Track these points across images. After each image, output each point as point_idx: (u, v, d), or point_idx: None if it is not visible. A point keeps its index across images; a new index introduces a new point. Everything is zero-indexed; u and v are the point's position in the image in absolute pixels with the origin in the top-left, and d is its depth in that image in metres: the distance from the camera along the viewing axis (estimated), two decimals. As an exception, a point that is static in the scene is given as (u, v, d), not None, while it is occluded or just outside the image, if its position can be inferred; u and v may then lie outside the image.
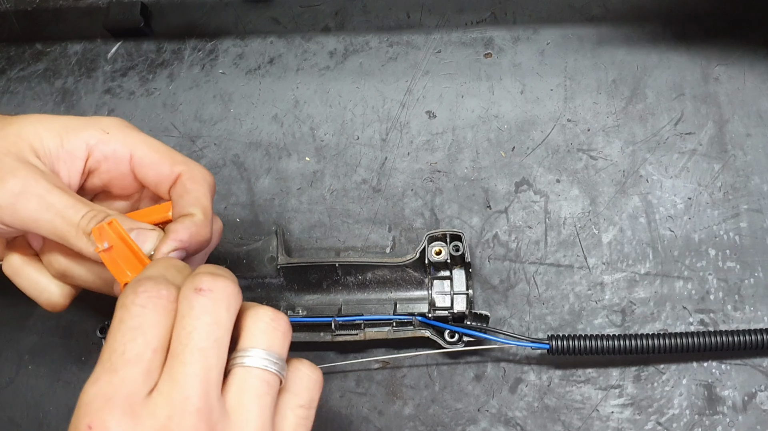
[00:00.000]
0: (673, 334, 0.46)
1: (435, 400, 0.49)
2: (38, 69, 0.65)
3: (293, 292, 0.51)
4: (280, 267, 0.50)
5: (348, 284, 0.51)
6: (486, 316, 0.48)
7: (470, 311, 0.48)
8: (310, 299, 0.51)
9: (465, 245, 0.48)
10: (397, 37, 0.61)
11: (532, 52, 0.59)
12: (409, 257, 0.49)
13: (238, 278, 0.46)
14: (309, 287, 0.51)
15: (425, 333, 0.48)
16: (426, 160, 0.57)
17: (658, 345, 0.46)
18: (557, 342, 0.47)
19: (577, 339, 0.47)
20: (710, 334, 0.46)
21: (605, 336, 0.47)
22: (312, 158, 0.58)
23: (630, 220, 0.53)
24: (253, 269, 0.51)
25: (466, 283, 0.49)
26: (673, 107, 0.56)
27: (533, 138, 0.56)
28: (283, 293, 0.51)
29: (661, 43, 0.58)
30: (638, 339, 0.46)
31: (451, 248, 0.48)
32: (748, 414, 0.47)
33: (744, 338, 0.46)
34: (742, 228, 0.52)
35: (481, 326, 0.48)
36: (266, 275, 0.51)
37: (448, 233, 0.48)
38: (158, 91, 0.62)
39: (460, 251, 0.48)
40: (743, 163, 0.53)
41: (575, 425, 0.48)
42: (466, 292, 0.49)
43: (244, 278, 0.51)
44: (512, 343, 0.48)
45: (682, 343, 0.46)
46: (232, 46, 0.63)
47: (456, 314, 0.48)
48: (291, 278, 0.51)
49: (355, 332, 0.49)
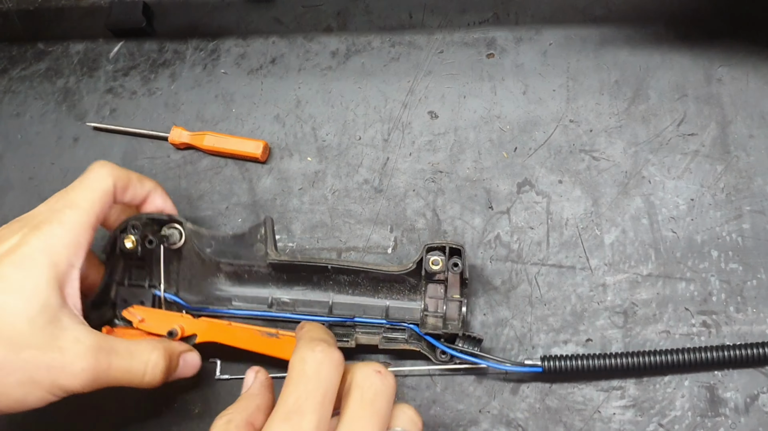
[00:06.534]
0: (666, 351, 0.46)
1: (436, 401, 0.49)
2: (40, 68, 0.65)
3: (282, 283, 0.51)
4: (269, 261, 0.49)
5: (340, 282, 0.50)
6: (479, 339, 0.47)
7: (463, 334, 0.47)
8: (298, 291, 0.51)
9: (464, 262, 0.47)
10: (400, 38, 0.61)
11: (534, 53, 0.59)
12: (406, 268, 0.48)
13: (225, 263, 0.50)
14: (298, 280, 0.50)
15: (416, 347, 0.48)
16: (428, 160, 0.57)
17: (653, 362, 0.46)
18: (550, 363, 0.46)
19: (571, 359, 0.46)
20: (709, 349, 0.46)
21: (600, 355, 0.46)
22: (314, 158, 0.58)
23: (632, 221, 0.53)
24: (239, 256, 0.50)
25: (461, 290, 0.48)
26: (675, 108, 0.56)
27: (535, 139, 0.56)
28: (270, 282, 0.51)
29: (664, 44, 0.58)
30: (636, 357, 0.46)
31: (450, 264, 0.46)
32: (750, 416, 0.47)
33: (744, 352, 0.46)
34: (745, 230, 0.51)
35: (472, 350, 0.47)
36: (254, 262, 0.50)
37: (447, 245, 0.47)
38: (160, 91, 0.62)
39: (459, 268, 0.46)
40: (746, 164, 0.53)
41: (577, 426, 0.48)
42: (461, 299, 0.48)
43: (230, 264, 0.50)
44: (504, 368, 0.47)
45: (675, 360, 0.46)
46: (234, 45, 0.63)
47: (449, 334, 0.47)
48: (280, 269, 0.50)
49: (346, 339, 0.49)
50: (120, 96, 0.62)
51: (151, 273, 0.51)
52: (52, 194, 0.45)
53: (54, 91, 0.64)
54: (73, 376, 0.39)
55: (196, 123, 0.60)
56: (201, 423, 0.51)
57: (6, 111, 0.64)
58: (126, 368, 0.41)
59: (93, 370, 0.39)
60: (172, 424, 0.51)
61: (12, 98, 0.64)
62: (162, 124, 0.61)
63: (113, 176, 0.45)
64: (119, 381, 0.41)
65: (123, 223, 0.49)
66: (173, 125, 0.59)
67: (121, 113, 0.62)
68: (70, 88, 0.64)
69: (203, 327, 0.49)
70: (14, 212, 0.59)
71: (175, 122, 0.61)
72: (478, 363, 0.47)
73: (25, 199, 0.60)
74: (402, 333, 0.49)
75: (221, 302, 0.51)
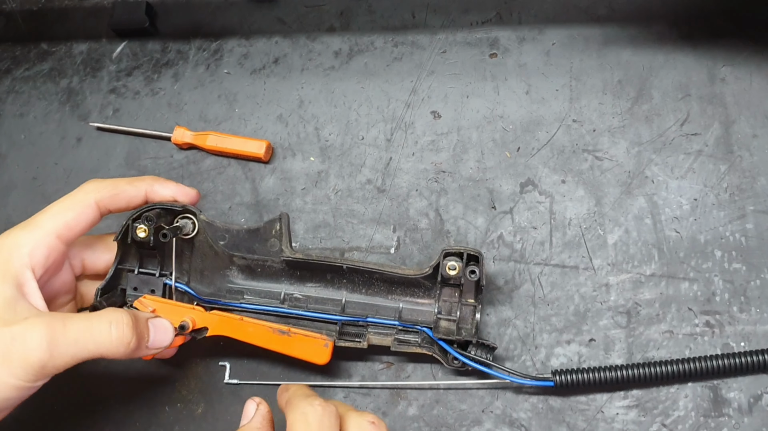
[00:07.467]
0: (679, 360, 0.47)
1: (439, 401, 0.49)
2: (43, 69, 0.65)
3: (295, 279, 0.51)
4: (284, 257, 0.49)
5: (354, 281, 0.50)
6: (493, 347, 0.47)
7: (477, 341, 0.47)
8: (311, 288, 0.51)
9: (481, 269, 0.46)
10: (402, 37, 0.61)
11: (537, 53, 0.59)
12: (422, 272, 0.48)
13: (239, 256, 0.50)
14: (312, 277, 0.51)
15: (429, 352, 0.48)
16: (431, 160, 0.57)
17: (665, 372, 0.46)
18: (562, 377, 0.46)
19: (582, 372, 0.47)
20: (720, 357, 0.46)
21: (612, 367, 0.47)
22: (316, 158, 0.58)
23: (635, 221, 0.53)
24: (253, 250, 0.50)
25: (476, 296, 0.48)
26: (679, 108, 0.56)
27: (538, 138, 0.56)
28: (283, 278, 0.51)
29: (667, 44, 0.58)
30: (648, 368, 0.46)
31: (467, 272, 0.46)
32: (753, 416, 0.47)
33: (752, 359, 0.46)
34: (748, 229, 0.51)
35: (485, 358, 0.47)
36: (267, 257, 0.50)
37: (465, 251, 0.47)
38: (163, 91, 0.62)
39: (476, 275, 0.46)
40: (749, 164, 0.53)
41: (580, 426, 0.47)
42: (475, 305, 0.48)
43: (243, 257, 0.50)
44: (517, 380, 0.47)
45: (688, 369, 0.46)
46: (237, 46, 0.63)
47: (462, 339, 0.47)
48: (294, 266, 0.50)
49: (358, 340, 0.49)
50: (123, 96, 0.63)
51: (163, 262, 0.51)
52: (55, 194, 0.45)
53: (57, 91, 0.64)
54: (26, 345, 0.39)
55: (199, 123, 0.60)
56: (203, 423, 0.51)
57: (9, 111, 0.64)
58: (86, 327, 0.41)
59: (46, 334, 0.39)
60: (174, 423, 0.51)
61: (15, 98, 0.64)
62: (165, 124, 0.61)
63: (96, 192, 0.47)
64: (87, 348, 0.41)
65: (137, 212, 0.49)
66: (176, 125, 0.59)
67: (124, 113, 0.62)
68: (73, 88, 0.64)
69: (215, 321, 0.48)
70: (17, 211, 0.59)
71: (178, 121, 0.61)
72: (490, 373, 0.47)
73: (29, 199, 0.60)
74: (415, 335, 0.49)
75: (233, 295, 0.51)
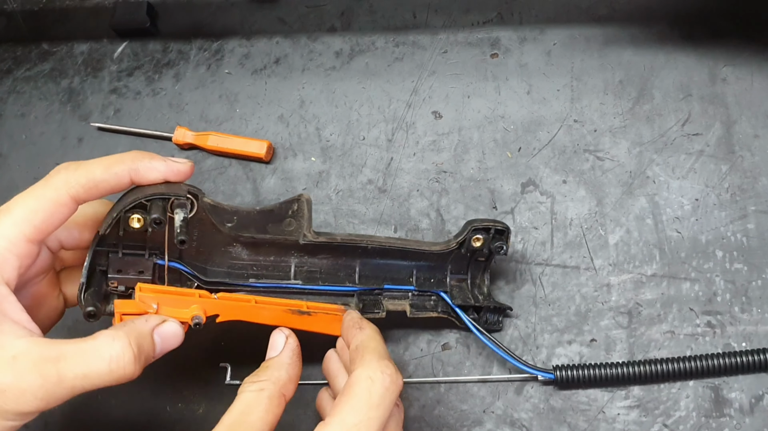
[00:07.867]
0: (680, 358, 0.47)
1: (440, 401, 0.49)
2: (44, 69, 0.65)
3: (305, 251, 0.47)
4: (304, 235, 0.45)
5: (368, 251, 0.48)
6: (506, 307, 0.49)
7: (491, 306, 0.48)
8: (323, 260, 0.48)
9: (508, 243, 0.47)
10: (404, 38, 0.61)
11: (538, 53, 0.59)
12: (449, 247, 0.47)
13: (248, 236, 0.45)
14: (325, 247, 0.47)
15: (446, 315, 0.49)
16: (432, 160, 0.57)
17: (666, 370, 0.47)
18: (562, 373, 0.47)
19: (583, 368, 0.47)
20: (721, 356, 0.46)
21: (612, 364, 0.47)
22: (318, 158, 0.58)
23: (637, 221, 0.53)
24: (266, 230, 0.46)
25: (488, 264, 0.50)
26: (680, 108, 0.56)
27: (540, 139, 0.56)
28: (293, 250, 0.47)
29: (669, 44, 0.58)
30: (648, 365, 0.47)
31: (494, 247, 0.47)
32: (755, 416, 0.46)
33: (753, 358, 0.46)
34: (750, 230, 0.51)
35: (498, 320, 0.49)
36: (280, 237, 0.46)
37: (493, 227, 0.46)
38: (164, 91, 0.62)
39: (504, 251, 0.47)
40: (751, 164, 0.53)
41: (581, 427, 0.47)
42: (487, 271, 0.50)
43: (253, 237, 0.45)
44: (519, 365, 0.47)
45: (689, 367, 0.46)
46: (238, 46, 0.63)
47: (480, 303, 0.48)
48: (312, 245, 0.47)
49: (376, 310, 0.47)
50: (124, 96, 0.63)
51: (153, 240, 0.44)
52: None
53: (58, 91, 0.64)
54: (19, 397, 0.34)
55: (200, 123, 0.60)
56: (204, 423, 0.51)
57: (11, 111, 0.64)
58: (83, 372, 0.35)
59: (40, 386, 0.34)
60: (175, 423, 0.51)
61: (17, 99, 0.64)
62: (166, 124, 0.61)
63: (68, 186, 0.40)
64: (83, 387, 0.35)
65: (130, 204, 0.41)
66: (177, 125, 0.59)
67: (126, 113, 0.62)
68: (74, 88, 0.64)
69: (226, 306, 0.43)
70: (19, 212, 0.59)
71: (179, 122, 0.61)
72: (498, 352, 0.47)
73: (30, 199, 0.60)
74: (430, 299, 0.49)
75: (238, 273, 0.47)
